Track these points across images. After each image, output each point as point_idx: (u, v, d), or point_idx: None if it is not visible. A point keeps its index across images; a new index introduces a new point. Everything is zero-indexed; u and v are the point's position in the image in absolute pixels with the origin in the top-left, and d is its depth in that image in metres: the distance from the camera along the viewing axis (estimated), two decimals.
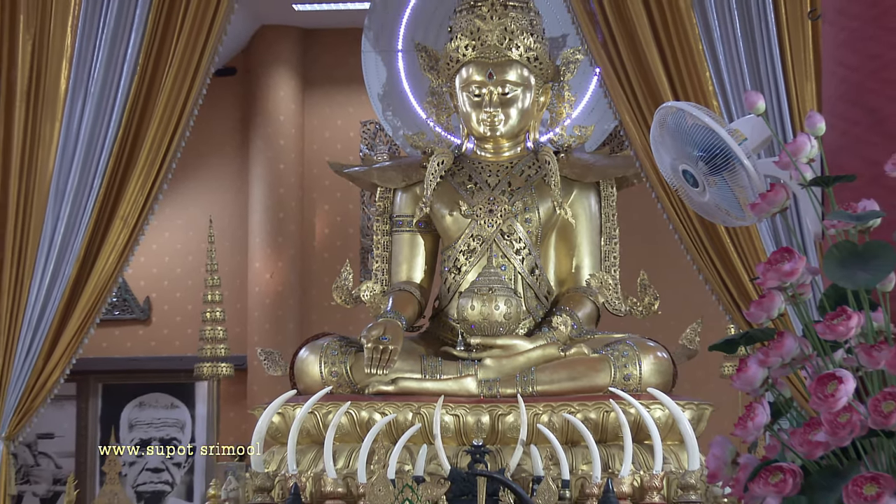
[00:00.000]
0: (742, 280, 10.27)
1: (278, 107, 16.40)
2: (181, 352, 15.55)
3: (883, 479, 4.17)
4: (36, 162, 10.81)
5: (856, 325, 4.36)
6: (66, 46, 10.88)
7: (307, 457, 10.54)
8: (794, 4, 10.40)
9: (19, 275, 10.72)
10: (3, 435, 10.61)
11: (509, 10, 11.50)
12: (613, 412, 10.43)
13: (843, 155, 5.02)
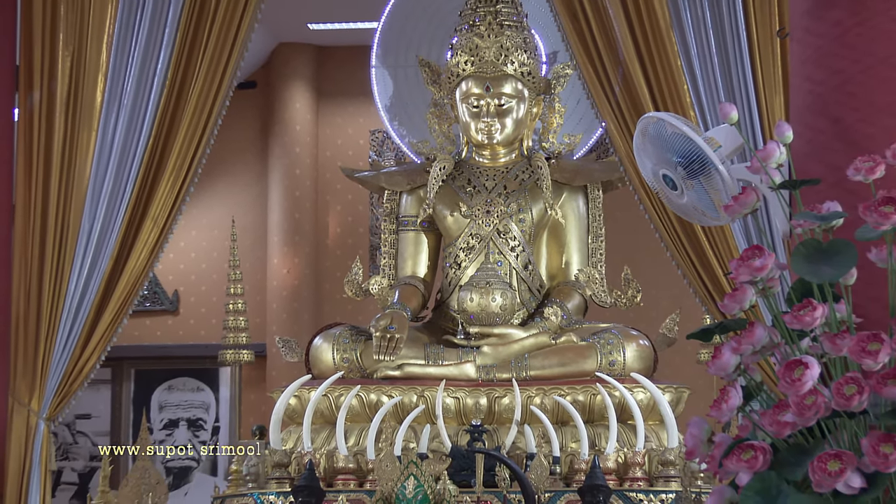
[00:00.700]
0: (717, 275, 10.26)
1: (295, 117, 16.38)
2: (206, 340, 15.53)
3: (845, 456, 4.16)
4: (74, 167, 10.81)
5: (821, 315, 4.36)
6: (102, 62, 10.87)
7: (321, 435, 10.54)
8: (765, 24, 10.39)
9: (59, 270, 10.72)
10: (44, 415, 10.61)
11: (505, 29, 11.50)
12: (600, 395, 10.43)
13: (809, 161, 5.01)
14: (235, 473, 10.80)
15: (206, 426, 16.28)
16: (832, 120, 5.04)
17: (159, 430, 16.14)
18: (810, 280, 4.44)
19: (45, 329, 10.69)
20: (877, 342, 4.25)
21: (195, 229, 16.17)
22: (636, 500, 9.98)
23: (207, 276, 16.42)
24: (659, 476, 10.13)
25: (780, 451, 4.32)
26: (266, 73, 16.57)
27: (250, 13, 10.86)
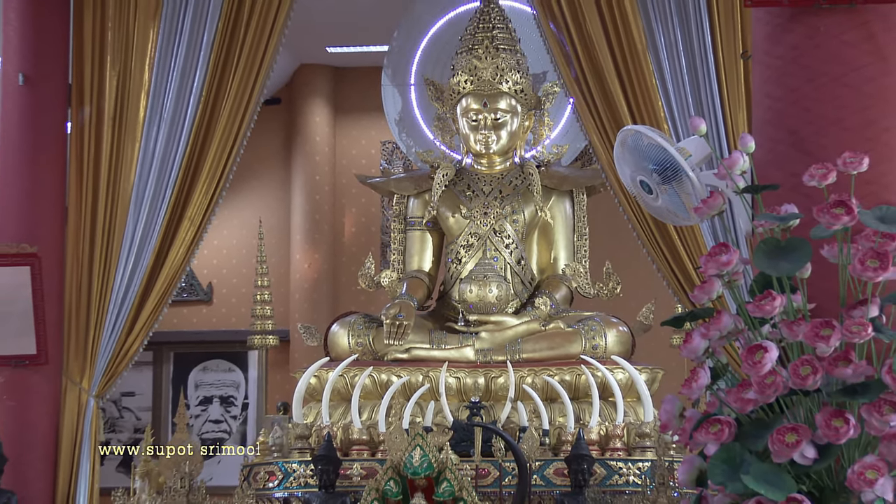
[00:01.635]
0: (687, 269, 10.24)
1: (315, 130, 16.34)
2: (236, 326, 15.48)
3: (801, 429, 4.16)
4: (120, 174, 10.80)
5: (779, 305, 4.35)
6: (144, 81, 10.87)
7: (338, 411, 10.53)
8: (730, 47, 10.37)
9: (107, 265, 10.71)
10: (93, 393, 10.61)
11: (500, 52, 11.50)
12: (584, 375, 10.42)
13: (769, 168, 5.00)
14: (262, 445, 10.80)
15: (236, 403, 16.24)
16: (789, 132, 5.03)
17: (195, 406, 16.10)
18: (770, 273, 4.44)
19: (94, 317, 10.68)
20: (829, 328, 4.24)
21: (227, 229, 16.14)
22: (616, 468, 9.97)
23: (237, 270, 16.38)
24: (636, 447, 10.12)
25: (744, 425, 4.31)
26: (289, 90, 16.53)
27: (276, 38, 10.85)
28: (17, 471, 10.01)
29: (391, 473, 8.48)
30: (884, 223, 4.37)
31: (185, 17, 10.90)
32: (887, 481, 4.10)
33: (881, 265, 4.29)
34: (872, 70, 5.02)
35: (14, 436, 10.14)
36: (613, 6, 10.59)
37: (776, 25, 5.16)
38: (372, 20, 14.31)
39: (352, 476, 9.89)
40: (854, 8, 5.01)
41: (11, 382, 10.51)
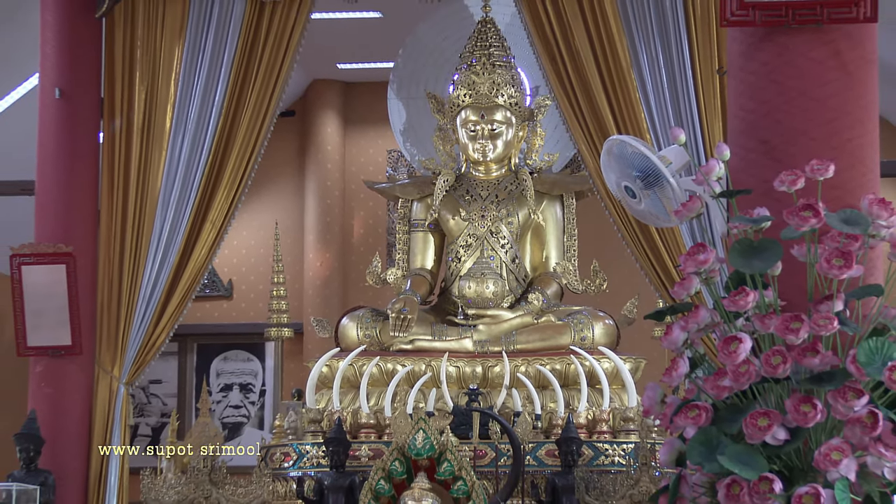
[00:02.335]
0: (668, 267, 10.24)
1: (326, 139, 16.35)
2: (255, 320, 15.50)
3: (772, 414, 4.16)
4: (147, 180, 10.80)
5: (752, 300, 4.35)
6: (170, 95, 10.86)
7: (347, 397, 10.53)
8: (707, 63, 10.37)
9: (136, 263, 10.71)
10: (123, 380, 10.60)
11: (496, 68, 11.50)
12: (573, 364, 10.42)
13: (743, 175, 5.00)
14: (278, 428, 10.80)
15: (254, 389, 16.25)
16: (761, 141, 5.03)
17: (217, 393, 16.11)
18: (744, 271, 4.44)
19: (124, 311, 10.68)
20: (798, 322, 4.25)
21: (246, 230, 16.15)
22: (602, 450, 9.96)
23: (255, 268, 16.39)
24: (621, 430, 10.12)
25: (720, 410, 4.32)
26: (303, 103, 16.53)
27: (290, 56, 10.85)
28: (54, 452, 10.01)
29: (396, 454, 8.47)
30: (848, 225, 4.37)
31: (208, 37, 10.90)
32: (851, 462, 4.10)
33: (846, 263, 4.29)
34: (837, 85, 5.02)
35: (51, 420, 10.14)
36: (600, 26, 10.60)
37: (749, 44, 5.16)
38: (378, 39, 14.32)
39: (360, 457, 9.89)
40: (821, 27, 5.01)
41: (48, 371, 10.52)
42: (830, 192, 4.55)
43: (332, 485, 9.49)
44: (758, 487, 4.14)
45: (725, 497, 4.18)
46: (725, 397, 4.29)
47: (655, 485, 8.97)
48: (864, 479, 4.18)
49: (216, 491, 9.18)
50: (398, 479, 8.47)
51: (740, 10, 5.07)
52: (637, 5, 10.59)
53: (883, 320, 4.37)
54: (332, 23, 13.75)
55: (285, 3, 10.86)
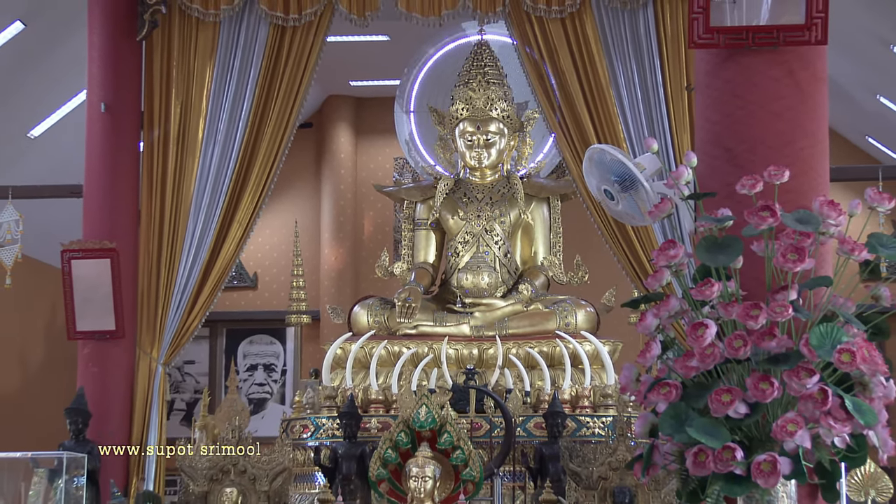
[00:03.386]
0: (642, 261, 10.25)
1: (340, 148, 16.37)
2: (277, 308, 15.51)
3: (734, 391, 4.16)
4: (182, 185, 10.80)
5: (717, 290, 4.36)
6: (202, 109, 10.86)
7: (359, 376, 10.52)
8: (676, 80, 10.38)
9: (172, 258, 10.71)
10: (161, 361, 10.61)
11: (490, 85, 11.50)
12: (559, 347, 10.42)
13: (708, 179, 5.00)
14: (297, 403, 10.80)
15: (276, 369, 16.26)
16: (725, 150, 5.03)
17: (243, 372, 16.12)
18: (709, 264, 4.44)
19: (161, 300, 10.69)
20: (757, 309, 4.25)
21: (269, 228, 16.16)
22: (584, 423, 9.96)
23: (278, 262, 16.40)
24: (600, 405, 10.12)
25: (688, 388, 4.32)
26: (319, 116, 16.54)
27: (308, 74, 10.86)
28: (100, 424, 10.01)
29: (402, 427, 8.46)
30: (801, 224, 4.38)
31: (235, 58, 10.90)
32: (805, 433, 4.11)
33: (799, 258, 4.29)
34: (792, 100, 5.02)
35: (97, 396, 10.15)
36: (582, 48, 10.61)
37: (714, 63, 5.16)
38: (386, 60, 14.32)
39: (370, 429, 9.89)
40: (777, 49, 5.01)
41: (95, 353, 10.53)
42: (785, 195, 4.55)
43: (345, 453, 9.50)
44: (721, 455, 4.14)
45: (693, 464, 4.18)
46: (693, 376, 4.29)
47: (631, 453, 8.97)
48: (817, 448, 4.19)
49: (243, 459, 9.18)
50: (404, 448, 8.47)
51: (706, 33, 5.07)
52: (615, 30, 10.60)
53: (832, 308, 4.37)
54: (345, 45, 13.74)
55: (304, 27, 10.86)
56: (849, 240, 4.39)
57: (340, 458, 9.54)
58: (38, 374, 14.48)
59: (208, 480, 9.15)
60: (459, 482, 8.49)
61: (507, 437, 9.33)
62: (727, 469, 4.14)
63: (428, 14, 10.76)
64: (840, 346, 4.18)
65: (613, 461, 9.08)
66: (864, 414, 4.16)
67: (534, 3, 10.62)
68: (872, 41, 12.17)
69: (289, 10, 10.80)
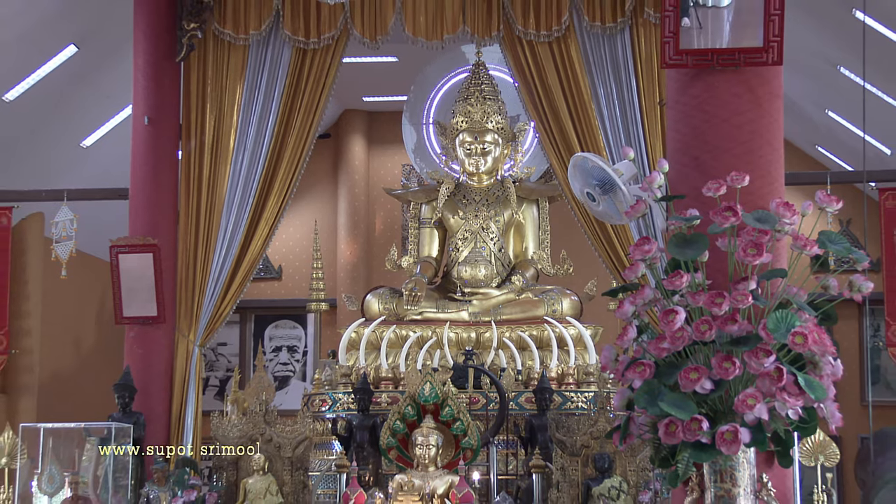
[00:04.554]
0: (620, 255, 10.25)
1: (355, 156, 16.35)
2: (298, 296, 15.49)
3: (701, 369, 4.16)
4: (216, 189, 10.81)
5: (686, 281, 4.35)
6: (233, 122, 10.87)
7: (371, 356, 10.53)
8: (650, 96, 10.39)
9: (207, 252, 10.73)
10: (197, 343, 10.62)
11: (486, 100, 11.51)
12: (547, 331, 10.43)
13: (678, 184, 5.00)
14: (317, 380, 10.81)
15: (298, 350, 16.24)
16: (693, 158, 5.03)
17: (269, 353, 16.10)
18: (679, 258, 4.44)
19: (197, 289, 10.70)
20: (721, 297, 4.25)
21: (292, 226, 16.14)
22: (569, 397, 9.97)
23: (299, 256, 16.39)
24: (584, 382, 10.13)
25: (660, 367, 4.32)
26: (336, 128, 16.52)
27: (327, 91, 10.87)
28: (143, 398, 10.03)
29: (409, 401, 8.47)
30: (760, 222, 4.38)
31: (262, 77, 10.91)
32: (762, 406, 4.11)
33: (758, 252, 4.29)
34: (751, 114, 5.02)
35: (141, 373, 10.17)
36: (567, 69, 10.62)
37: (684, 81, 5.15)
38: (395, 78, 14.30)
39: (381, 403, 9.91)
40: (739, 69, 5.01)
41: (139, 336, 10.54)
42: (746, 197, 4.55)
43: (359, 424, 9.51)
44: (689, 426, 4.14)
45: (664, 434, 4.19)
46: (665, 356, 4.29)
47: (610, 424, 8.98)
48: (773, 420, 4.19)
49: (269, 429, 9.19)
50: (410, 420, 8.47)
51: (676, 55, 5.07)
52: (595, 52, 10.60)
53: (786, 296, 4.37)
54: (358, 65, 13.74)
55: (322, 50, 10.87)
56: (801, 237, 4.39)
57: (355, 428, 9.55)
58: (90, 354, 14.48)
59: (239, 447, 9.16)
60: (459, 449, 8.50)
61: (501, 410, 9.33)
62: (695, 438, 4.14)
63: (431, 38, 10.78)
64: (794, 330, 4.18)
65: (595, 431, 9.09)
66: (815, 389, 4.16)
67: (524, 29, 10.63)
68: (822, 62, 12.17)
69: (309, 35, 10.81)
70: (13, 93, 11.55)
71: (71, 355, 14.20)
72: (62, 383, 13.74)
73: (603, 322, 11.17)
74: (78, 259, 10.93)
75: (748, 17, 5.03)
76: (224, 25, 10.87)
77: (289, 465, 9.02)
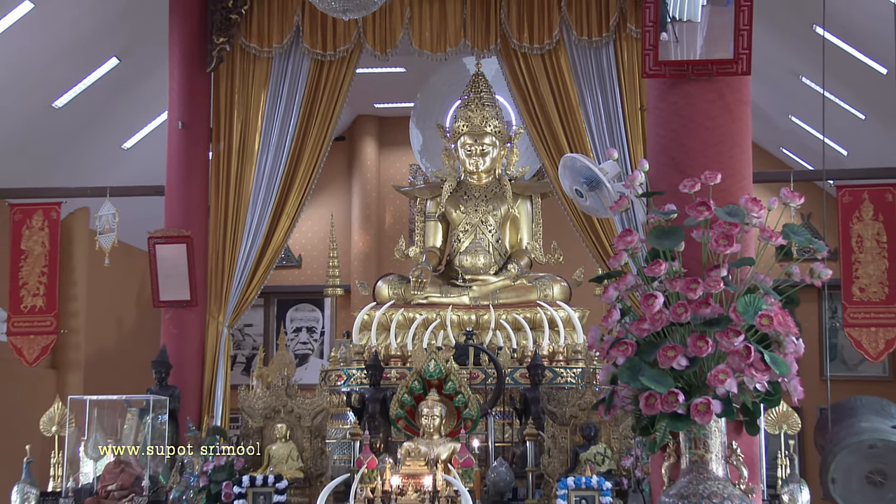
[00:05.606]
0: (605, 245, 10.25)
1: (367, 156, 16.35)
2: (316, 283, 15.50)
3: (677, 348, 4.17)
4: (242, 185, 10.81)
5: (664, 268, 4.36)
6: (258, 126, 10.87)
7: (381, 336, 10.54)
8: (632, 103, 10.39)
9: (234, 243, 10.73)
10: (226, 324, 10.63)
11: (485, 107, 11.51)
12: (539, 313, 10.43)
13: (657, 181, 5.00)
14: (333, 358, 10.82)
15: (316, 331, 16.25)
16: (670, 158, 5.03)
17: (291, 333, 16.12)
18: (658, 248, 4.44)
19: (226, 276, 10.70)
20: (696, 283, 4.25)
21: (310, 220, 16.15)
22: (559, 373, 9.97)
23: (317, 246, 16.40)
24: (572, 359, 10.12)
25: (641, 345, 4.32)
26: (350, 131, 16.51)
27: (342, 99, 10.87)
28: (178, 373, 10.04)
29: (415, 376, 8.48)
30: (730, 216, 4.38)
31: (284, 86, 10.91)
32: (732, 380, 4.12)
33: (728, 243, 4.30)
34: (722, 119, 5.02)
35: (176, 351, 10.18)
36: (557, 78, 10.62)
37: (662, 89, 5.15)
38: (402, 87, 14.31)
39: (390, 378, 9.91)
40: (711, 79, 5.01)
41: (174, 318, 10.56)
42: (718, 194, 4.55)
43: (370, 397, 9.51)
44: (667, 398, 4.14)
45: (644, 405, 4.19)
46: (645, 336, 4.30)
47: (596, 397, 8.98)
48: (742, 392, 4.19)
49: (290, 401, 9.20)
50: (417, 393, 8.48)
51: (655, 66, 5.07)
52: (583, 63, 10.60)
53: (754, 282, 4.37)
54: (371, 75, 13.73)
55: (338, 62, 10.88)
56: (767, 229, 4.39)
57: (367, 400, 9.56)
58: (130, 334, 14.50)
59: (263, 418, 9.17)
60: (461, 419, 8.51)
61: (498, 385, 9.34)
62: (672, 409, 4.15)
63: (436, 51, 10.78)
64: (761, 313, 4.18)
65: (582, 403, 9.09)
66: (780, 366, 4.16)
67: (519, 42, 10.63)
68: (785, 72, 12.17)
69: (326, 48, 10.82)
70: (62, 100, 11.59)
71: (113, 335, 14.22)
72: (105, 360, 13.76)
73: (590, 305, 11.18)
74: (119, 249, 10.94)
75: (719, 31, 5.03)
76: (250, 39, 10.87)
77: (308, 433, 9.03)
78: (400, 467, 7.77)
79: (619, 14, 10.50)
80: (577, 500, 7.99)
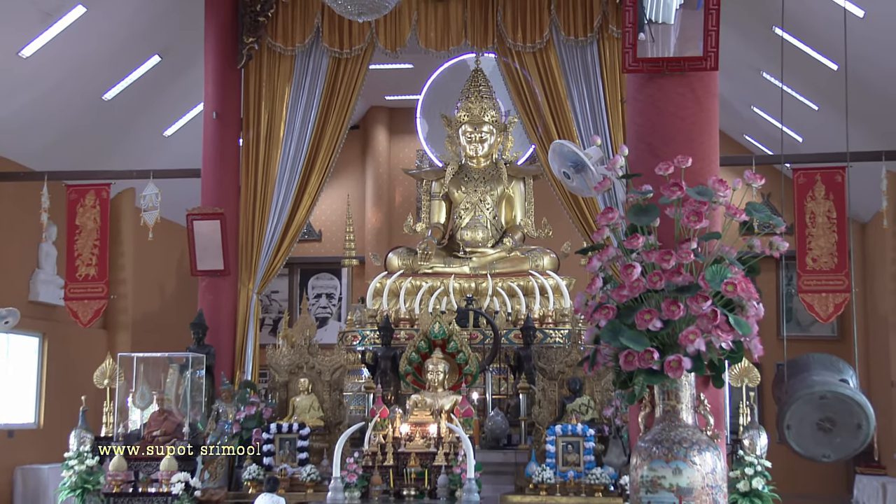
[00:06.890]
0: (590, 221, 10.24)
1: (380, 143, 16.32)
2: (335, 254, 15.52)
3: (653, 311, 4.16)
4: (269, 168, 10.79)
5: (641, 242, 4.35)
6: (283, 116, 10.83)
7: (391, 301, 10.56)
8: (614, 95, 10.34)
9: (262, 220, 10.72)
10: (255, 291, 10.63)
11: (483, 99, 11.51)
12: (531, 282, 10.44)
13: (636, 165, 4.98)
14: (350, 321, 10.84)
15: (335, 297, 16.27)
16: (647, 144, 5.01)
17: (312, 299, 16.13)
18: (636, 224, 4.43)
19: (255, 248, 10.70)
20: (669, 255, 4.24)
21: (329, 198, 16.14)
22: (549, 334, 10.00)
23: (335, 222, 16.39)
24: (560, 322, 10.15)
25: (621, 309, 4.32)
26: (364, 121, 16.48)
27: (357, 92, 10.83)
28: (213, 335, 10.06)
29: (422, 337, 8.50)
30: (700, 195, 4.36)
31: (306, 80, 10.88)
32: (701, 340, 4.11)
33: (698, 219, 4.29)
34: (693, 109, 5.00)
35: (211, 314, 10.19)
36: (548, 73, 10.57)
37: (640, 83, 5.13)
38: (411, 81, 14.25)
39: (400, 338, 9.95)
40: (684, 74, 4.99)
41: (210, 285, 10.56)
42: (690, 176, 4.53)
43: (382, 356, 9.55)
44: (644, 356, 4.14)
45: (624, 362, 4.19)
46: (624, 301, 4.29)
47: (581, 355, 9.02)
48: (709, 351, 4.19)
49: (312, 359, 9.22)
50: (423, 351, 8.51)
51: (634, 62, 5.04)
52: (570, 60, 10.56)
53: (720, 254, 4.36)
54: (382, 71, 13.68)
55: (354, 59, 10.84)
56: (732, 206, 4.37)
57: (379, 358, 9.59)
58: (172, 299, 14.53)
59: (288, 373, 9.20)
60: (462, 375, 8.54)
61: (494, 344, 9.36)
62: (647, 366, 4.15)
63: (440, 49, 10.75)
64: (726, 280, 4.18)
65: (569, 360, 9.12)
66: (742, 327, 4.16)
67: (513, 41, 10.59)
68: (748, 68, 12.13)
69: (343, 47, 10.78)
70: (111, 93, 11.60)
71: (156, 300, 14.25)
72: (150, 321, 13.80)
73: (576, 274, 11.19)
74: (161, 225, 10.94)
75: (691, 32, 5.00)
76: (276, 39, 10.84)
77: (328, 387, 9.06)
78: (408, 416, 7.81)
79: (602, 16, 10.45)
80: (564, 444, 8.03)
